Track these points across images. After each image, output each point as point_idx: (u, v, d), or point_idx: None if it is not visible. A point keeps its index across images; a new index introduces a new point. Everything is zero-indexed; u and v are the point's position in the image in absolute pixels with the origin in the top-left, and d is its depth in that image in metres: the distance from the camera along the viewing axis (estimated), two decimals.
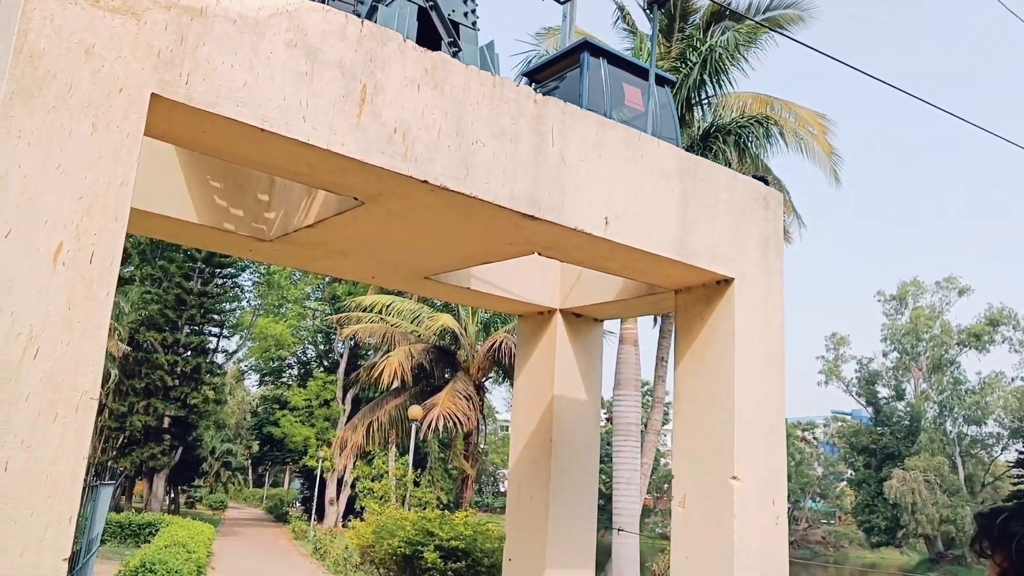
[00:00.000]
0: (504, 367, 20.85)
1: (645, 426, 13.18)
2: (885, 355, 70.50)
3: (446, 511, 14.35)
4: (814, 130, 15.05)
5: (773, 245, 5.71)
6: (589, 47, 5.37)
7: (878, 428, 67.62)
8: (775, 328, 5.66)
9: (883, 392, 70.31)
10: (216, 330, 38.37)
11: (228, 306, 39.07)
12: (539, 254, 5.01)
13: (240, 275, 39.64)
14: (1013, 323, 64.95)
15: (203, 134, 3.54)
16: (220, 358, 42.19)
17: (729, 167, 7.78)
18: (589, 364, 6.61)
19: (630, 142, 4.92)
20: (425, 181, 3.95)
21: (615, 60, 5.47)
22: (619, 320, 13.39)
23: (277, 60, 3.53)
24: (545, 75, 5.85)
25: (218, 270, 35.41)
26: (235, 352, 50.27)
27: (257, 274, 45.74)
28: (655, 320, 15.08)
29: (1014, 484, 65.81)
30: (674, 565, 5.68)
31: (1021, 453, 65.13)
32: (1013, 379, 66.27)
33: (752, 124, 13.96)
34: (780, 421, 5.66)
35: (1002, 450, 68.06)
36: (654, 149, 5.05)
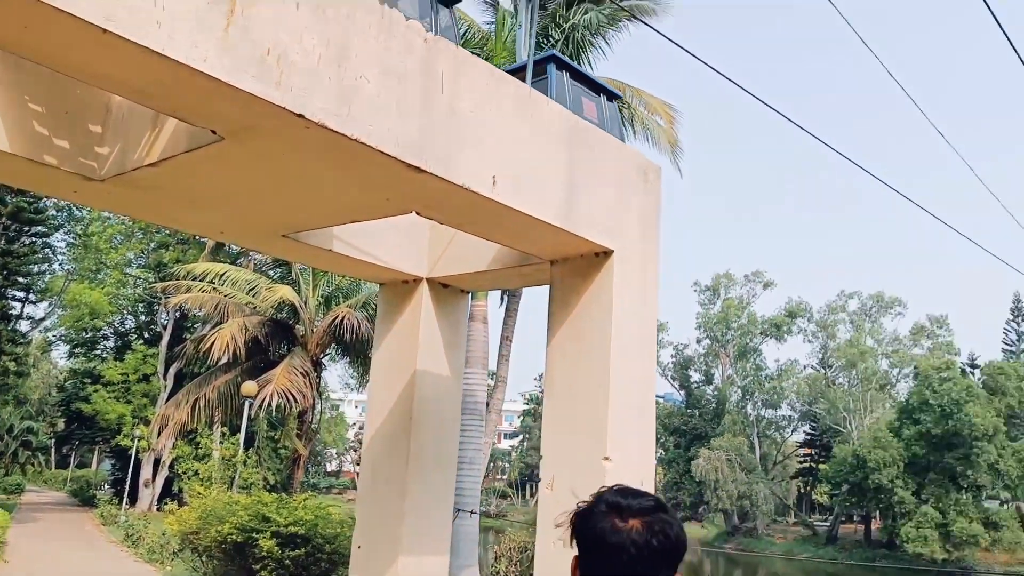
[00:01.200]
0: (345, 343, 20.06)
1: (487, 405, 13.02)
2: (698, 342, 75.19)
3: (278, 493, 13.47)
4: (662, 120, 15.43)
5: (651, 219, 5.57)
6: (556, 60, 5.62)
7: (689, 410, 71.98)
8: (650, 304, 5.53)
9: (695, 377, 74.97)
10: (21, 294, 34.53)
11: (36, 268, 35.21)
12: (417, 213, 4.56)
13: (53, 235, 35.88)
14: (808, 316, 71.01)
15: (26, 30, 2.81)
16: (24, 326, 38.09)
17: None
18: (454, 338, 6.23)
19: (522, 98, 4.57)
20: (301, 115, 3.40)
21: (576, 75, 5.77)
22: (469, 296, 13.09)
23: None
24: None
25: (27, 228, 31.78)
26: (42, 320, 45.60)
27: (72, 235, 41.60)
28: (502, 298, 14.96)
29: (800, 462, 72.31)
30: (539, 551, 5.43)
31: (808, 434, 71.67)
32: (805, 367, 72.59)
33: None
34: (651, 400, 5.54)
35: (792, 431, 74.55)
36: (545, 109, 4.73)
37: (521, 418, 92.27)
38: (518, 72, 5.94)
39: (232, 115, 3.40)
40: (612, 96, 5.99)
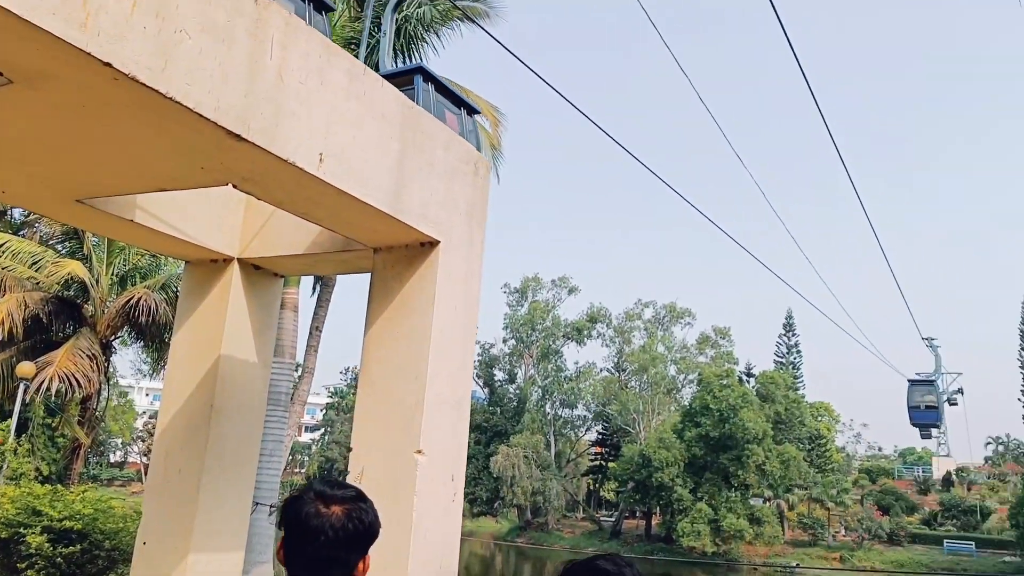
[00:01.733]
0: (140, 326, 18.48)
1: (292, 397, 12.49)
2: (505, 342, 76.89)
3: (52, 485, 12.16)
4: (487, 123, 15.54)
5: (478, 213, 5.55)
6: (423, 72, 5.82)
7: (491, 408, 73.37)
8: (472, 298, 5.50)
9: (499, 375, 76.58)
10: None
11: None
12: (234, 186, 4.24)
13: None
14: (607, 321, 74.59)
15: None
16: None
17: None
18: (264, 323, 5.89)
19: (355, 75, 4.38)
20: (109, 64, 3.04)
21: (441, 88, 6.00)
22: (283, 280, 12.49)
23: None
24: None
25: None
26: None
27: None
28: (314, 287, 14.45)
29: (592, 460, 75.89)
30: None
31: (600, 434, 75.31)
32: (602, 369, 76.23)
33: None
34: (467, 394, 5.51)
35: (586, 430, 78.05)
36: (378, 88, 4.57)
37: (324, 411, 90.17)
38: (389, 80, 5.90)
39: (26, 56, 2.99)
40: (472, 111, 6.29)
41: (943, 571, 53.16)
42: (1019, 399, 76.35)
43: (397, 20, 13.42)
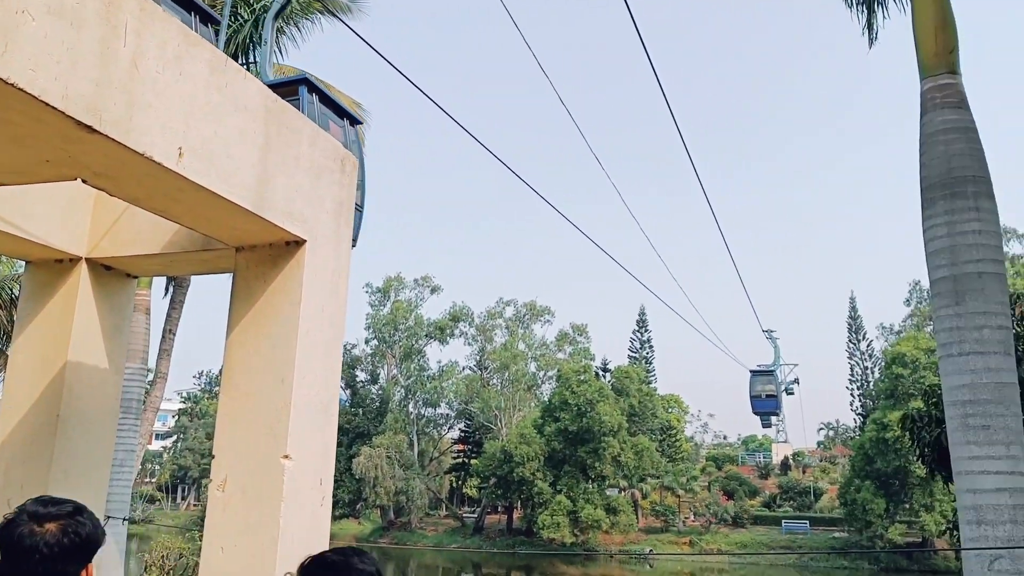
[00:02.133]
0: None
1: (143, 403, 11.82)
2: (367, 342, 75.82)
3: None
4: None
5: (345, 211, 5.45)
6: (308, 83, 6.00)
7: (353, 409, 72.19)
8: (340, 299, 5.39)
9: (361, 376, 75.47)
10: None
11: None
12: (83, 181, 3.97)
13: None
14: (469, 320, 75.06)
15: None
16: None
17: None
18: (115, 327, 5.54)
19: (217, 66, 4.20)
20: None
21: (325, 99, 6.20)
22: (136, 281, 11.76)
23: None
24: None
25: None
26: None
27: None
28: (166, 288, 13.68)
29: (454, 458, 76.23)
30: (206, 556, 5.01)
31: (463, 431, 75.74)
32: (464, 368, 76.64)
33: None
34: (335, 396, 5.40)
35: (448, 429, 78.31)
36: (241, 81, 4.39)
37: (176, 417, 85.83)
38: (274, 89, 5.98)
39: None
40: (354, 121, 6.56)
41: (781, 548, 56.92)
42: (847, 387, 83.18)
43: (255, 9, 12.96)
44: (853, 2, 11.61)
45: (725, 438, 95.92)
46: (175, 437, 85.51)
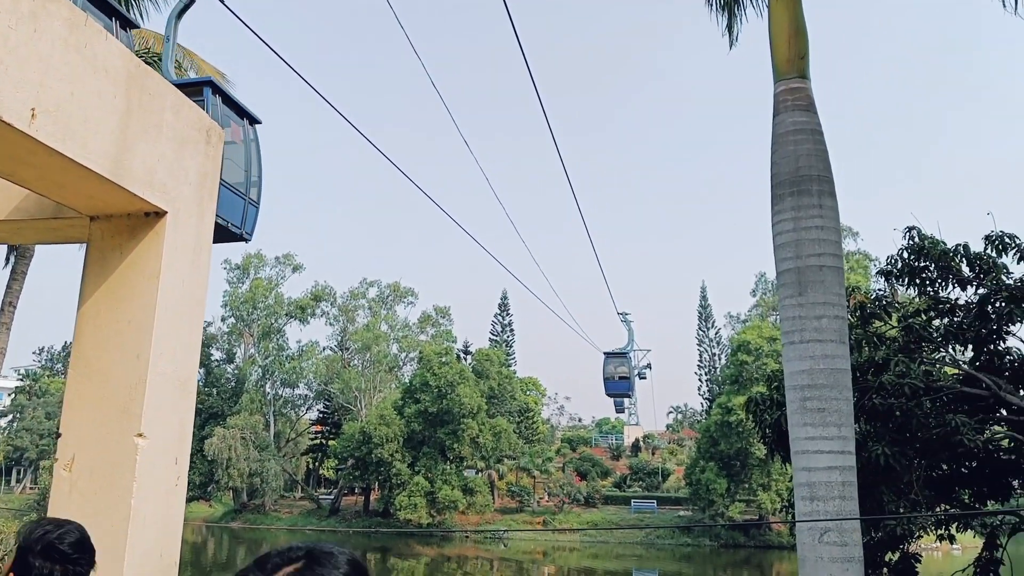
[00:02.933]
0: None
1: None
2: (223, 320, 72.88)
3: None
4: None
5: (209, 183, 5.27)
6: (212, 85, 6.48)
7: (207, 388, 69.34)
8: (202, 273, 5.23)
9: (216, 355, 72.51)
10: None
11: None
12: None
13: None
14: (332, 299, 73.63)
15: None
16: None
17: None
18: None
19: (76, 25, 3.97)
20: None
21: (227, 100, 6.65)
22: None
23: None
24: None
25: None
26: None
27: None
28: (7, 258, 12.63)
29: (312, 439, 74.82)
30: None
31: (321, 412, 74.40)
32: (325, 348, 75.18)
33: (153, 63, 12.76)
34: (194, 373, 5.24)
35: (307, 409, 76.72)
36: (102, 42, 4.17)
37: (13, 396, 79.63)
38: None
39: None
40: (253, 120, 7.17)
41: (629, 526, 59.46)
42: (696, 373, 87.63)
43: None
44: (714, 4, 12.11)
45: (580, 420, 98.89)
46: (10, 416, 79.47)
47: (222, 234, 7.02)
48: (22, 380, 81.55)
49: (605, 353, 39.17)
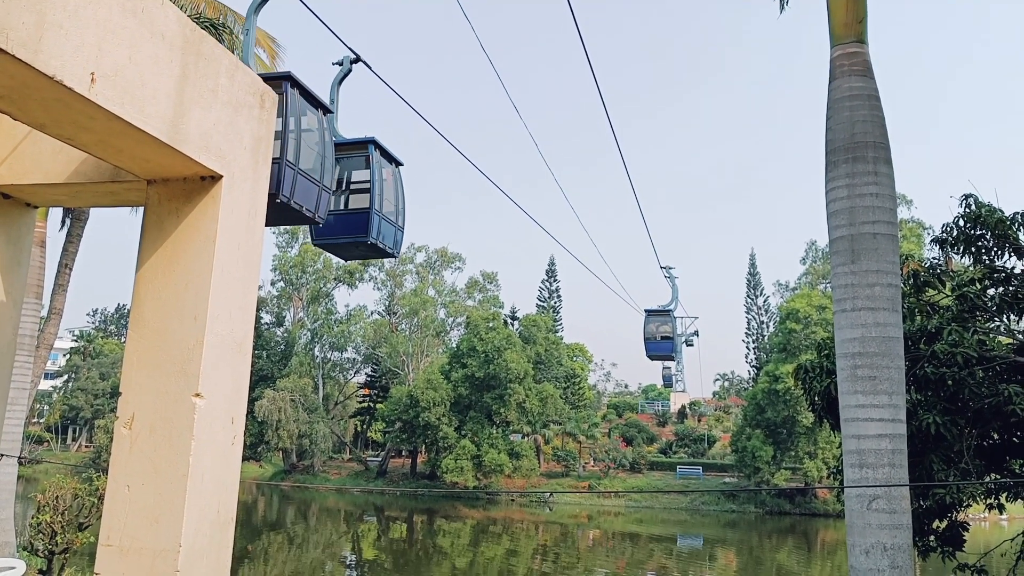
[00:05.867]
0: None
1: (37, 341, 11.29)
2: (273, 284, 74.13)
3: None
4: (264, 53, 14.66)
5: (264, 148, 5.33)
6: (291, 79, 7.16)
7: (257, 351, 70.85)
8: (256, 236, 5.31)
9: (266, 318, 73.90)
10: None
11: None
12: None
13: None
14: (379, 265, 74.27)
15: None
16: None
17: None
18: (14, 259, 5.30)
19: None
20: None
21: (304, 92, 7.36)
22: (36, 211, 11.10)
23: None
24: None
25: None
26: None
27: None
28: (63, 220, 12.97)
29: (360, 402, 76.08)
30: (110, 498, 4.93)
31: (369, 376, 75.52)
32: (372, 312, 76.05)
33: (208, 27, 12.86)
34: (249, 335, 5.35)
35: (355, 373, 77.85)
36: (158, 7, 4.22)
37: (68, 357, 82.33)
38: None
39: None
40: (326, 110, 7.79)
41: (674, 492, 59.52)
42: (743, 340, 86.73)
43: None
44: None
45: (626, 387, 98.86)
46: (66, 377, 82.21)
47: (295, 216, 7.57)
48: (77, 341, 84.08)
49: (647, 311, 34.25)
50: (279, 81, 6.82)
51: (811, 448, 55.30)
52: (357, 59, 8.24)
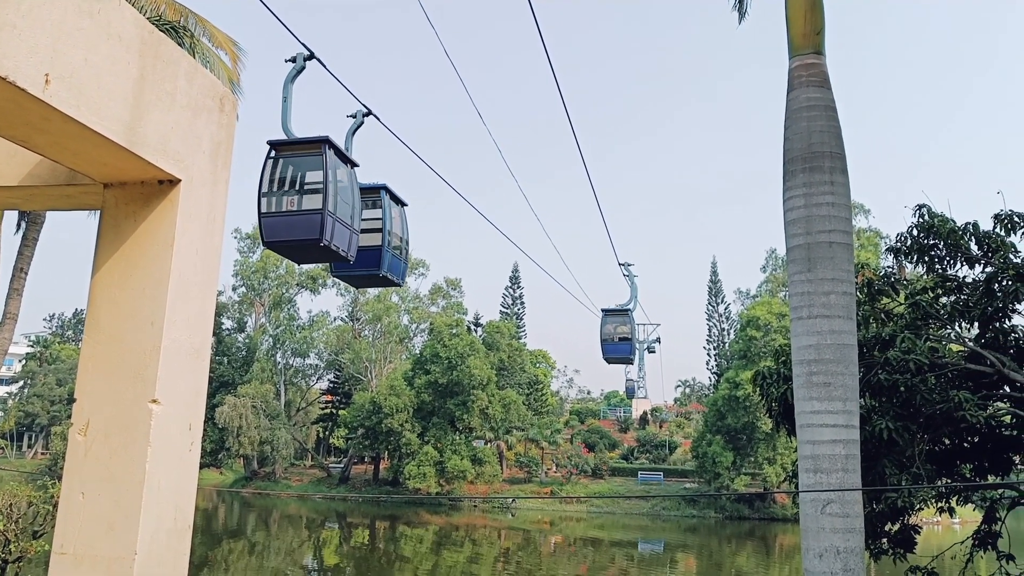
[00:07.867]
0: None
1: None
2: (234, 289, 73.23)
3: None
4: (226, 56, 14.51)
5: (223, 152, 5.29)
6: (328, 142, 8.27)
7: (218, 358, 69.86)
8: (215, 242, 5.25)
9: (227, 324, 72.97)
10: None
11: None
12: None
13: None
14: None
15: None
16: None
17: None
18: None
19: None
20: None
21: (339, 153, 8.49)
22: None
23: None
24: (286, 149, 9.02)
25: None
26: None
27: None
28: (18, 224, 12.70)
29: (322, 408, 75.44)
30: (64, 505, 4.85)
31: (332, 382, 74.91)
32: (335, 318, 75.54)
33: (167, 30, 12.67)
34: (207, 341, 5.30)
35: (317, 379, 77.21)
36: (115, 8, 4.18)
37: (24, 362, 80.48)
38: (288, 145, 8.73)
39: None
40: (354, 165, 8.93)
41: (636, 497, 59.90)
42: (704, 347, 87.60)
43: None
44: None
45: (589, 393, 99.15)
46: (22, 383, 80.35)
47: (333, 255, 8.88)
48: (33, 346, 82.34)
49: (604, 311, 30.73)
50: (319, 144, 8.15)
51: (770, 454, 56.07)
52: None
